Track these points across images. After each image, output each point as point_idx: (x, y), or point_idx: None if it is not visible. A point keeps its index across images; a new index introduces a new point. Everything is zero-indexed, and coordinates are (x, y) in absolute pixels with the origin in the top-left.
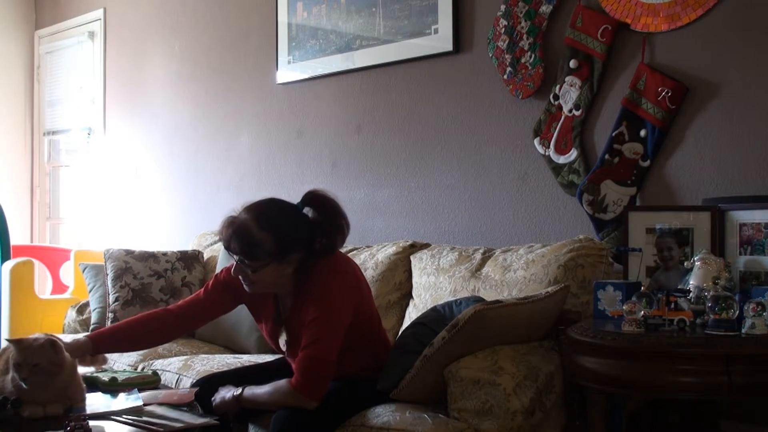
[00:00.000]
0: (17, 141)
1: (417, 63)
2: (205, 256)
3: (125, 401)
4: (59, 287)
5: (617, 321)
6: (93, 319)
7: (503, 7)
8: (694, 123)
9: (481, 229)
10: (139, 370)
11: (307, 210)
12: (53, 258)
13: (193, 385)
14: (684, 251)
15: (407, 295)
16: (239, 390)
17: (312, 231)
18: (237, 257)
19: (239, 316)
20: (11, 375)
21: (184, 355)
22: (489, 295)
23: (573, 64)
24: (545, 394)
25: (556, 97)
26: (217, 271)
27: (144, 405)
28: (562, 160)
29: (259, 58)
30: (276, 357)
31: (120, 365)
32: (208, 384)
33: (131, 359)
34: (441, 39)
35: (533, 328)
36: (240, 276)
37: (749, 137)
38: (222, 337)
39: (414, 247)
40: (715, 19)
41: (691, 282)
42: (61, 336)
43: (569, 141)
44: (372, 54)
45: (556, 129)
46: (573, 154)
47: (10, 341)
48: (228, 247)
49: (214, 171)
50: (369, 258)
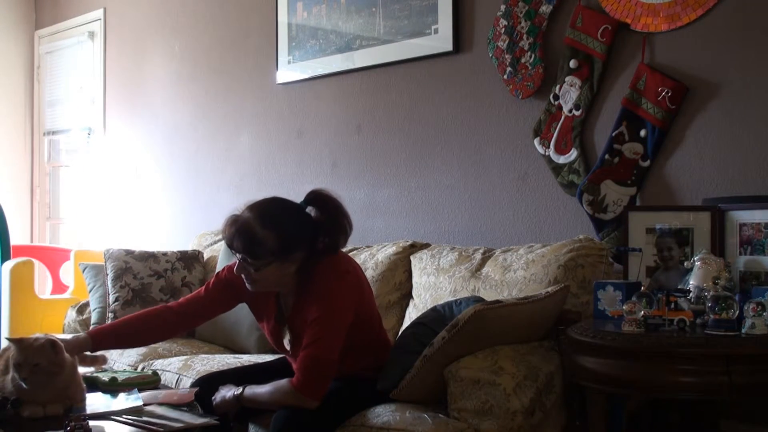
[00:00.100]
0: (17, 141)
1: (417, 63)
2: (205, 256)
3: (125, 401)
4: (59, 287)
5: (617, 321)
6: (93, 319)
7: (503, 7)
8: (694, 123)
9: (481, 229)
10: (139, 370)
11: (311, 209)
12: (53, 258)
13: (193, 385)
14: (684, 251)
15: (407, 295)
16: (240, 389)
17: (315, 230)
18: (240, 256)
19: (239, 315)
20: (11, 375)
21: (184, 355)
22: (489, 295)
23: (573, 64)
24: (545, 394)
25: (556, 97)
26: (218, 270)
27: (144, 405)
28: (562, 160)
29: (259, 58)
30: (276, 357)
31: (120, 365)
32: (208, 383)
33: (131, 359)
34: (441, 39)
35: (533, 328)
36: (242, 274)
37: (749, 137)
38: (222, 337)
39: (414, 247)
40: (715, 19)
41: (691, 282)
42: (61, 335)
43: (569, 141)
44: (372, 54)
45: (556, 129)
46: (573, 154)
47: (10, 340)
48: (231, 246)
49: (214, 171)
50: (369, 258)
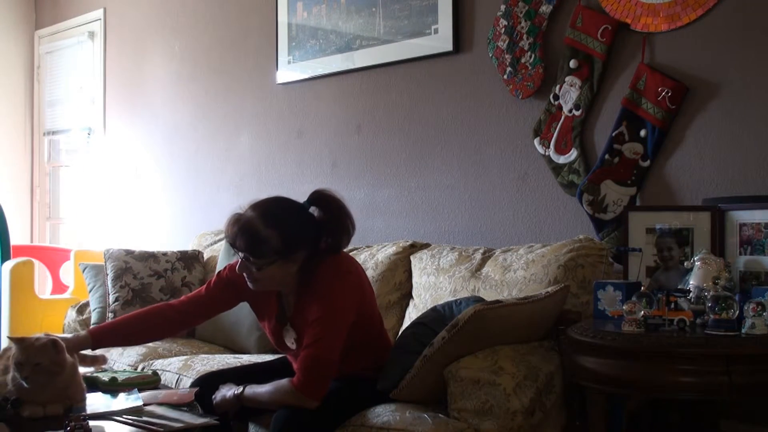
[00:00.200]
0: (17, 141)
1: (417, 63)
2: (205, 256)
3: (125, 401)
4: (59, 287)
5: (617, 321)
6: (93, 319)
7: (503, 7)
8: (694, 123)
9: (481, 229)
10: (139, 370)
11: (313, 209)
12: (53, 258)
13: (193, 385)
14: (684, 251)
15: (407, 295)
16: (240, 388)
17: (317, 230)
18: (242, 254)
19: (239, 315)
20: (12, 374)
21: (184, 355)
22: (489, 295)
23: (573, 64)
24: (545, 394)
25: (556, 97)
26: (219, 270)
27: (144, 405)
28: (562, 160)
29: (259, 58)
30: (276, 357)
31: (120, 365)
32: (208, 382)
33: (131, 359)
34: (441, 39)
35: (533, 328)
36: (244, 273)
37: (749, 137)
38: (222, 337)
39: (414, 247)
40: (715, 19)
41: (691, 282)
42: (61, 335)
43: (569, 141)
44: (372, 54)
45: (556, 129)
46: (573, 154)
47: (12, 339)
48: (233, 244)
49: (214, 171)
50: (369, 258)
